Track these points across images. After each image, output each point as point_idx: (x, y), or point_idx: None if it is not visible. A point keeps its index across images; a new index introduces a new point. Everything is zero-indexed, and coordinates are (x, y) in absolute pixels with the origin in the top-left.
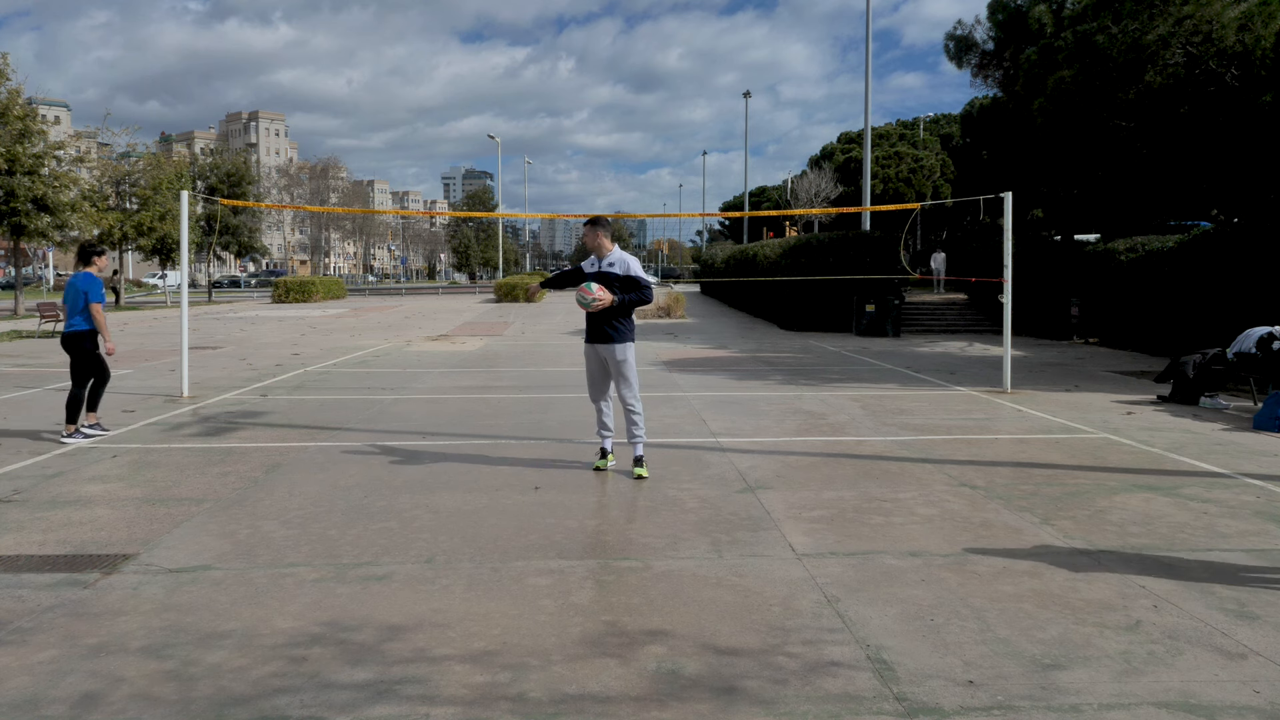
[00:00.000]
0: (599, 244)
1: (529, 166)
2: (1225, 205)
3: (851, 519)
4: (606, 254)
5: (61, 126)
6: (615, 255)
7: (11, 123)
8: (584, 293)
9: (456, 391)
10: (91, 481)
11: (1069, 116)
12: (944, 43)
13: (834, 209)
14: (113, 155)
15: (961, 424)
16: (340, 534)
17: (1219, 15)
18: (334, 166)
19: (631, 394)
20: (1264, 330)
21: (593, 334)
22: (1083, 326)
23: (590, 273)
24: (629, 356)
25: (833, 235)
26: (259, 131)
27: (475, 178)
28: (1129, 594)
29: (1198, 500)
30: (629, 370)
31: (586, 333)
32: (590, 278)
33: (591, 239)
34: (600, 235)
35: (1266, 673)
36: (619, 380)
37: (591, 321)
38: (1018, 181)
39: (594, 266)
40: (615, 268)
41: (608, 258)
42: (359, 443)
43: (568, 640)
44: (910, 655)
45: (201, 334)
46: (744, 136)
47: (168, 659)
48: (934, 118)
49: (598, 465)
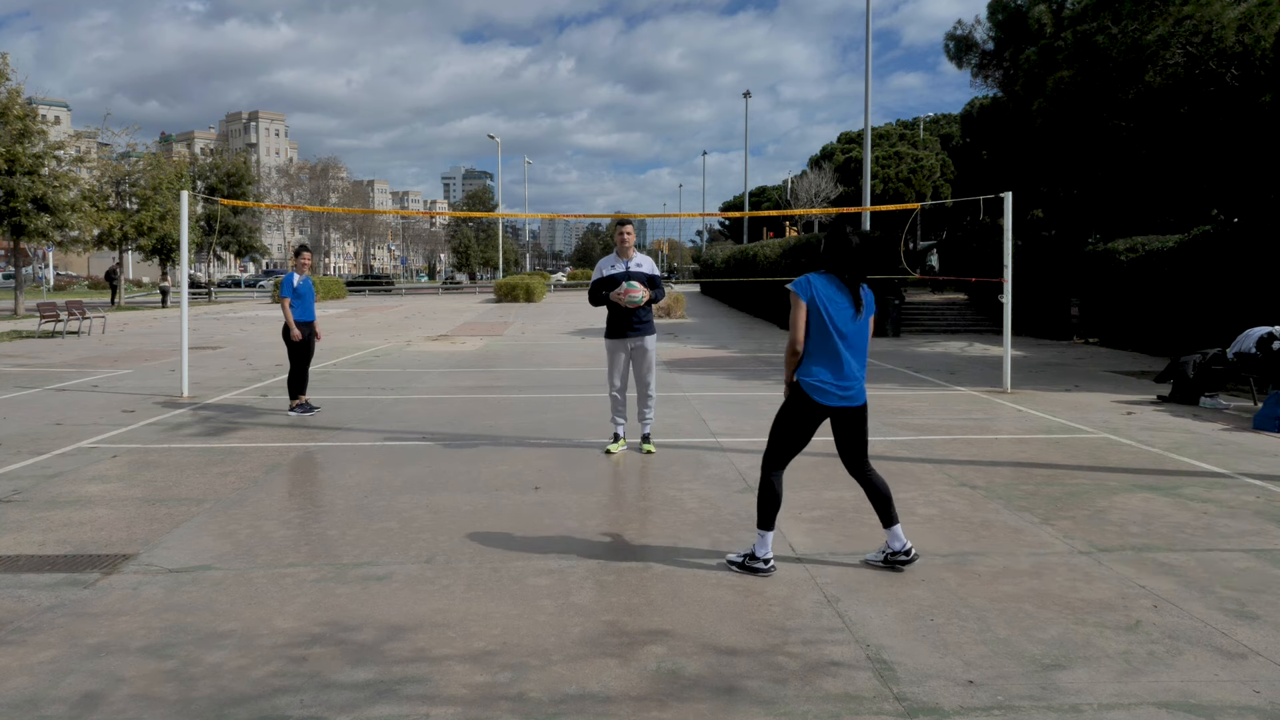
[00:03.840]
0: (631, 244)
1: (529, 166)
2: (1225, 205)
3: (851, 519)
4: (633, 255)
5: (61, 126)
6: (640, 256)
7: (11, 123)
8: (632, 293)
9: (456, 391)
10: (91, 481)
11: (1069, 117)
12: (944, 43)
13: (834, 209)
14: (113, 155)
15: (961, 424)
16: (340, 534)
17: (1219, 15)
18: (334, 166)
19: (654, 381)
20: (1264, 330)
21: (624, 329)
22: (1083, 326)
23: (621, 273)
24: (655, 346)
25: None
26: (259, 131)
27: (475, 178)
28: (1129, 594)
29: (1198, 500)
30: (654, 359)
31: (615, 329)
32: (624, 279)
33: (630, 239)
34: (634, 236)
35: (1266, 673)
36: (646, 369)
37: (624, 317)
38: (1018, 181)
39: (621, 267)
40: (644, 268)
41: (635, 259)
42: (359, 443)
43: (568, 640)
44: (910, 655)
45: (201, 334)
46: (744, 136)
47: (168, 659)
48: (934, 118)
49: (610, 449)
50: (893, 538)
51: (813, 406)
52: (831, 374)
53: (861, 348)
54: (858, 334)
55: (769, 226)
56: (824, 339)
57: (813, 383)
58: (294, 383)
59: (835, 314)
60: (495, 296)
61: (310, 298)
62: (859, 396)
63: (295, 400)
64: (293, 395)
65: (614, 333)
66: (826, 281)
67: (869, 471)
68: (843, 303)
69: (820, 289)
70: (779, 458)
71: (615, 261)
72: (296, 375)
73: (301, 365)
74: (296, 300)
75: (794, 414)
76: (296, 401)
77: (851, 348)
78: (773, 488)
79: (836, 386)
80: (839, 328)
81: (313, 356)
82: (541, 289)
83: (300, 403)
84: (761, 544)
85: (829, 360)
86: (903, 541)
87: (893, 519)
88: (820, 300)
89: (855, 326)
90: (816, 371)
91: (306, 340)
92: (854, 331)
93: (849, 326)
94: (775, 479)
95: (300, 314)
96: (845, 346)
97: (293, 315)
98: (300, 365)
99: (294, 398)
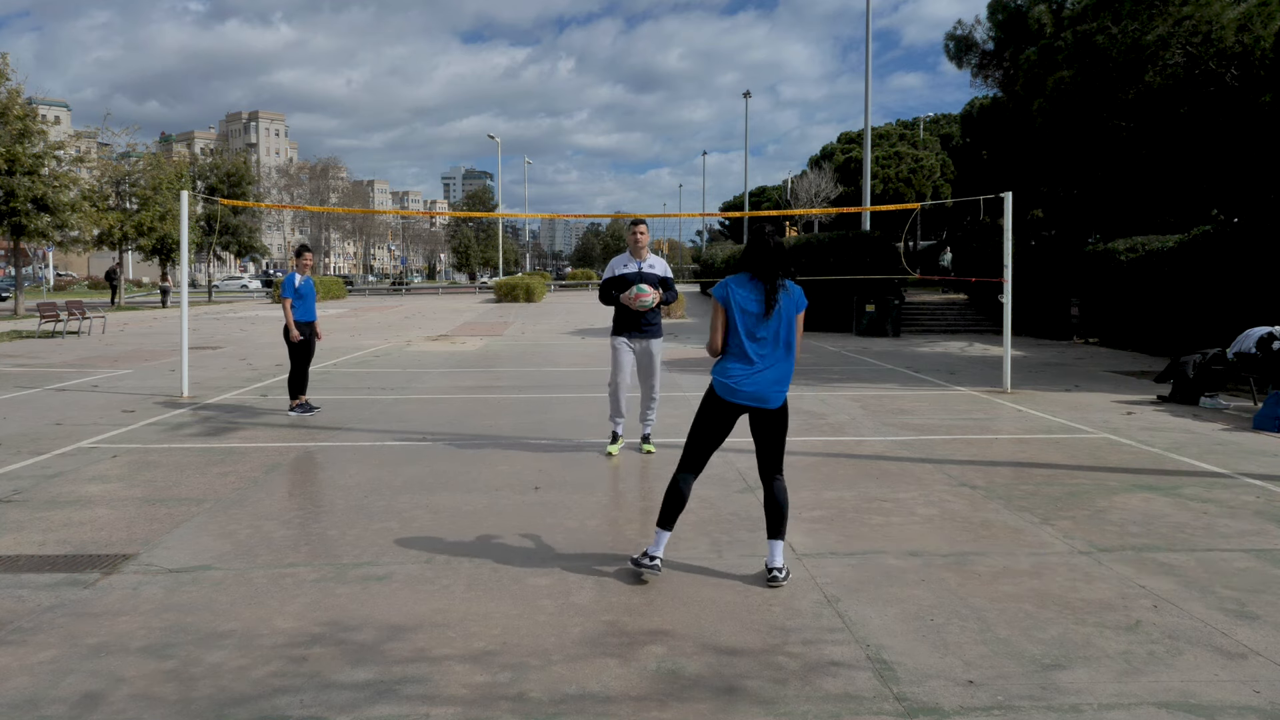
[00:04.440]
0: (645, 244)
1: (529, 166)
2: (1225, 205)
3: (851, 519)
4: (646, 256)
5: (61, 126)
6: (653, 257)
7: (11, 123)
8: (643, 297)
9: (456, 391)
10: (91, 481)
11: (1069, 117)
12: (944, 43)
13: (834, 209)
14: (113, 155)
15: (962, 424)
16: (340, 534)
17: (1218, 16)
18: (334, 166)
19: (659, 383)
20: (1264, 330)
21: (631, 329)
22: (1083, 326)
23: (633, 274)
24: (662, 350)
25: (833, 235)
26: (259, 131)
27: (475, 178)
28: (1129, 594)
29: (1198, 500)
30: (660, 362)
31: (622, 328)
32: (636, 279)
33: (645, 239)
34: (648, 236)
35: (1266, 673)
36: (652, 371)
37: (633, 318)
38: (1018, 181)
39: (633, 267)
40: (656, 269)
41: (648, 259)
42: (359, 443)
43: (568, 640)
44: (910, 655)
45: (201, 334)
46: (744, 136)
47: (168, 659)
48: (934, 118)
49: (610, 450)
50: (771, 551)
51: (721, 404)
52: (742, 374)
53: (778, 350)
54: (772, 335)
55: None
56: (736, 340)
57: (723, 381)
58: (294, 383)
59: (745, 316)
60: (495, 296)
61: (311, 298)
62: (774, 399)
63: (295, 400)
64: (293, 395)
65: (620, 331)
66: (743, 284)
67: (776, 479)
68: (755, 304)
69: (736, 291)
70: (689, 457)
71: (628, 261)
72: (297, 375)
73: (302, 365)
74: (298, 300)
75: (705, 411)
76: (296, 401)
77: (765, 349)
78: (677, 486)
79: (747, 386)
80: (749, 329)
81: (313, 357)
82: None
83: (300, 403)
84: (655, 543)
85: (740, 361)
86: (779, 561)
87: (778, 534)
88: (734, 302)
89: (767, 328)
90: (728, 370)
91: (307, 340)
92: (768, 333)
93: (759, 327)
94: (682, 480)
95: (301, 314)
96: (757, 347)
97: (293, 315)
98: (301, 365)
99: (294, 397)
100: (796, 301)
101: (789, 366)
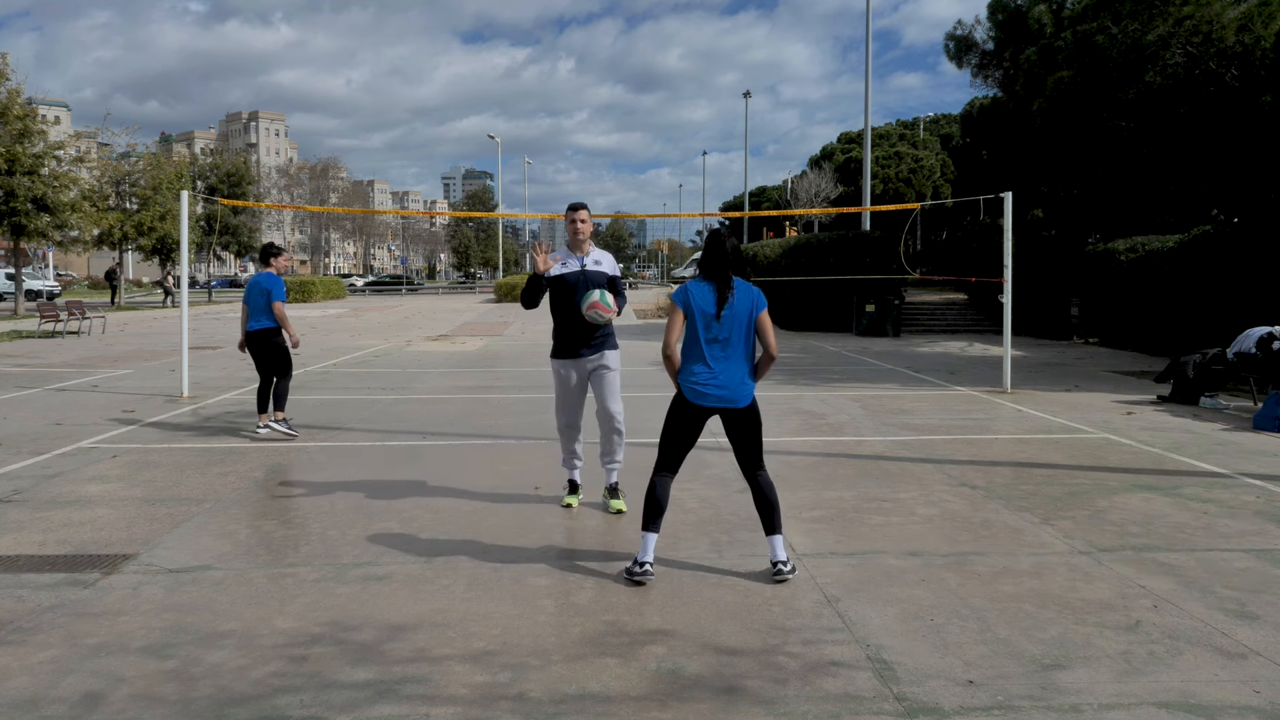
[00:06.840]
0: (587, 235)
1: (529, 166)
2: (1225, 205)
3: (851, 519)
4: (590, 249)
5: (61, 126)
6: (598, 251)
7: (11, 123)
8: (600, 309)
9: (456, 391)
10: (91, 481)
11: (1069, 117)
12: (944, 43)
13: (834, 209)
14: (113, 155)
15: (961, 424)
16: (340, 534)
17: (1219, 16)
18: (334, 167)
19: (621, 409)
20: (1264, 330)
21: (577, 345)
22: (1083, 326)
23: (574, 272)
24: (620, 365)
25: (833, 235)
26: (259, 131)
27: (475, 178)
28: (1129, 594)
29: (1198, 500)
30: (619, 381)
31: (565, 345)
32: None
33: (586, 229)
34: (589, 226)
35: (1266, 673)
36: (610, 396)
37: (582, 333)
38: (1018, 181)
39: (574, 265)
40: (604, 266)
41: (592, 254)
42: (359, 443)
43: (568, 640)
44: (910, 655)
45: (201, 334)
46: (744, 136)
47: (168, 659)
48: (934, 118)
49: (568, 502)
50: (772, 547)
51: (689, 407)
52: (705, 376)
53: (738, 350)
54: (728, 337)
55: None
56: (694, 343)
57: (689, 384)
58: (266, 395)
59: (701, 319)
60: (495, 296)
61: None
62: (740, 399)
63: (275, 415)
64: (262, 410)
65: (564, 350)
66: (700, 287)
67: (759, 475)
68: (709, 307)
69: (694, 295)
70: (663, 458)
71: (567, 258)
72: (269, 387)
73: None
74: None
75: (674, 415)
76: (280, 416)
77: (724, 350)
78: (654, 489)
79: (712, 388)
80: (705, 331)
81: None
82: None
83: (282, 418)
84: (643, 549)
85: (700, 363)
86: (781, 554)
87: (774, 529)
88: (693, 306)
89: (721, 330)
90: (693, 373)
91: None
92: (724, 334)
93: (715, 329)
94: (659, 481)
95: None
96: (715, 349)
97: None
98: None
99: (264, 412)
100: (755, 302)
101: (749, 366)
